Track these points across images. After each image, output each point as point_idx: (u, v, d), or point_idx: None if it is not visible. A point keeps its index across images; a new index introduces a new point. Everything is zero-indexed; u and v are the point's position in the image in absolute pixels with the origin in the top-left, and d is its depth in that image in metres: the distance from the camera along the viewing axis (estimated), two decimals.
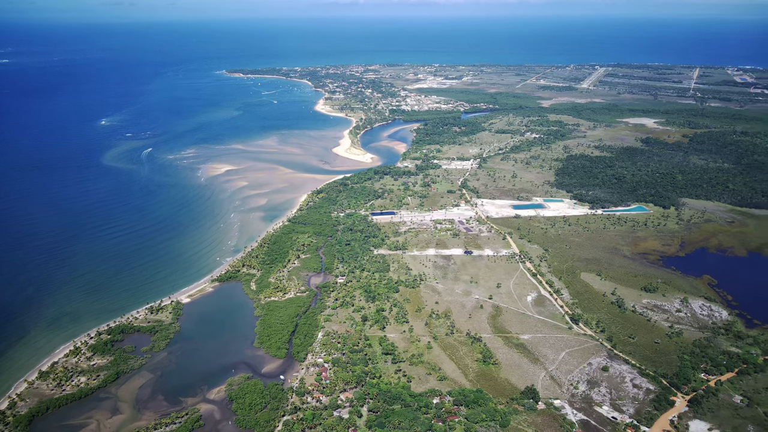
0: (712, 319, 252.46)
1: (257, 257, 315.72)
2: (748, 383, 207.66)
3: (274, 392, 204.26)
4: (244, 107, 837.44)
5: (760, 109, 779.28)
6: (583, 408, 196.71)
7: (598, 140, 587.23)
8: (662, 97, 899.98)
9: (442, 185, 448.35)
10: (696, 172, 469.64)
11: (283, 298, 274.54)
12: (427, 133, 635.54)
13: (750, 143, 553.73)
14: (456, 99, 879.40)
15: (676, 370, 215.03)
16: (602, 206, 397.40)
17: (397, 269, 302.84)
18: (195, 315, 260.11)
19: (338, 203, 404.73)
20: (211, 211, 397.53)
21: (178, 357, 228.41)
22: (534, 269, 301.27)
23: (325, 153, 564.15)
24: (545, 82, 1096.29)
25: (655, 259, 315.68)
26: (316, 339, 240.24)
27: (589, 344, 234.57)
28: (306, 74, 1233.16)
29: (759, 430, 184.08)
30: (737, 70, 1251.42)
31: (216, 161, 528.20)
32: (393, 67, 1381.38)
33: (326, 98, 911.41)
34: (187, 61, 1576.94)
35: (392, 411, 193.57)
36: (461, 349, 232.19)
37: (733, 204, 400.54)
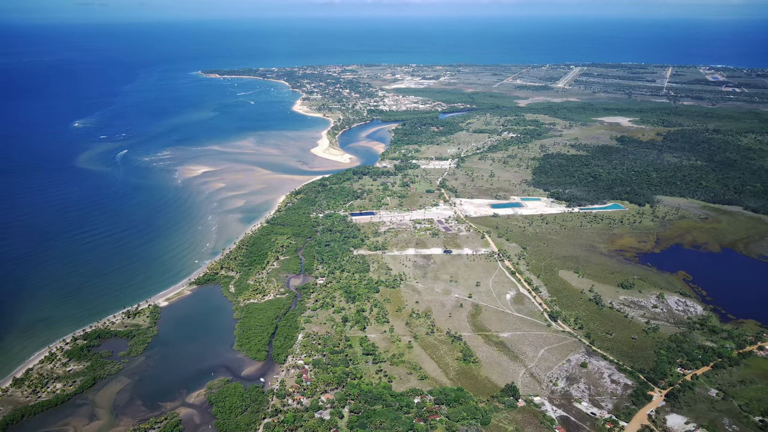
0: (687, 314, 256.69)
1: (236, 259, 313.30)
2: (723, 377, 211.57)
3: (255, 395, 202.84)
4: (221, 108, 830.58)
5: (732, 107, 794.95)
6: (562, 404, 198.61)
7: (574, 139, 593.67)
8: (636, 96, 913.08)
9: (420, 185, 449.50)
10: (670, 169, 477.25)
11: (262, 300, 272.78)
12: (406, 133, 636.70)
13: (722, 141, 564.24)
14: (434, 99, 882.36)
15: (653, 365, 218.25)
16: (579, 204, 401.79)
17: (377, 269, 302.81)
18: (173, 318, 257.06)
19: (317, 204, 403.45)
20: (188, 213, 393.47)
21: (156, 361, 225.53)
22: (513, 267, 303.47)
23: (303, 154, 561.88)
24: (521, 81, 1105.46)
25: (632, 256, 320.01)
26: (296, 341, 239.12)
27: (567, 341, 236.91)
28: (283, 75, 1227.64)
29: (734, 422, 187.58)
30: (709, 69, 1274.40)
31: (193, 163, 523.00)
32: (370, 67, 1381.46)
33: (304, 99, 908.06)
34: (162, 62, 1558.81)
35: (373, 411, 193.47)
36: (441, 348, 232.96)
37: (707, 201, 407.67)
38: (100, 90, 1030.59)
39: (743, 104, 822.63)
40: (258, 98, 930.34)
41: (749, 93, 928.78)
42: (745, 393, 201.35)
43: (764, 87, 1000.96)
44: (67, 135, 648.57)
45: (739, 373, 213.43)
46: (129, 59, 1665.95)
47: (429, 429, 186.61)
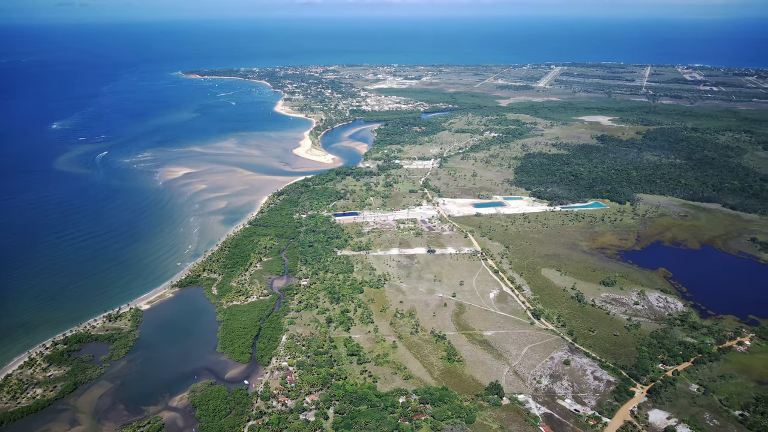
0: (668, 310, 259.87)
1: (218, 261, 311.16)
2: (703, 372, 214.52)
3: (239, 397, 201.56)
4: (202, 109, 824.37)
5: (709, 105, 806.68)
6: (546, 402, 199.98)
7: (555, 138, 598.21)
8: (616, 95, 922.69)
9: (404, 185, 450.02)
10: (649, 168, 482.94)
11: (245, 302, 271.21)
12: (388, 133, 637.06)
13: (700, 139, 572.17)
14: (416, 99, 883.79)
15: (635, 361, 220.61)
16: (560, 203, 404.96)
17: (361, 270, 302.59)
18: (155, 322, 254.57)
19: (300, 205, 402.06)
20: (169, 215, 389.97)
21: (139, 365, 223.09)
22: (495, 266, 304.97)
23: (285, 154, 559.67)
24: (503, 81, 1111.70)
25: (613, 254, 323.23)
26: (280, 342, 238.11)
27: (550, 339, 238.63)
28: (264, 75, 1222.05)
29: (715, 417, 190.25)
30: (687, 68, 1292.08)
31: (174, 164, 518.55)
32: (352, 67, 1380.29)
33: (285, 99, 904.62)
34: (142, 63, 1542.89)
35: (358, 412, 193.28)
36: (426, 347, 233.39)
37: (686, 198, 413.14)
38: (79, 91, 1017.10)
39: (721, 103, 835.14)
40: (239, 99, 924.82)
41: (726, 92, 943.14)
42: (725, 388, 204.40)
43: (741, 86, 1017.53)
44: (46, 137, 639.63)
45: (719, 369, 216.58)
46: (108, 60, 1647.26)
47: (414, 428, 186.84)
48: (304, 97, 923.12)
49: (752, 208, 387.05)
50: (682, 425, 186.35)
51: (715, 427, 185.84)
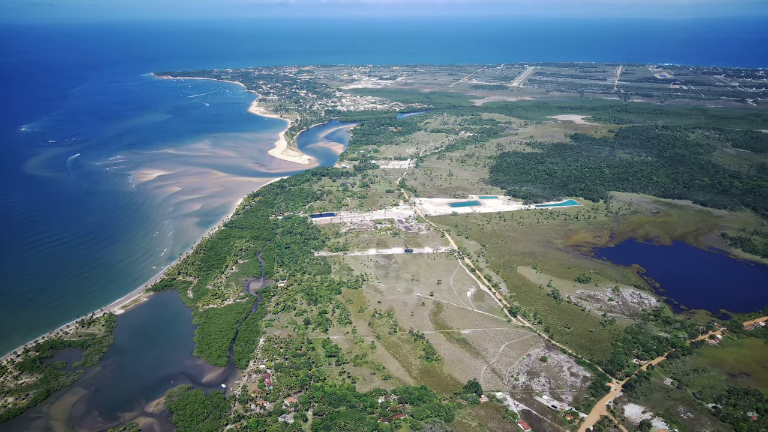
0: (642, 306, 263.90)
1: (193, 264, 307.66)
2: (677, 366, 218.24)
3: (216, 401, 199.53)
4: (175, 110, 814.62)
5: (679, 104, 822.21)
6: (524, 398, 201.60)
7: (529, 137, 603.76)
8: (588, 94, 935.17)
9: (380, 185, 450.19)
10: (622, 165, 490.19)
11: (221, 305, 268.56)
12: (364, 134, 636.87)
13: (671, 137, 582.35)
14: (391, 99, 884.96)
15: (610, 356, 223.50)
16: (535, 201, 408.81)
17: (338, 270, 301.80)
18: (130, 326, 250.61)
19: (276, 206, 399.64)
20: (143, 218, 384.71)
21: (113, 371, 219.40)
22: (472, 265, 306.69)
23: (260, 155, 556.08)
24: (477, 81, 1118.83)
25: (587, 251, 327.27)
26: (257, 345, 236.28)
27: (527, 336, 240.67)
28: (238, 76, 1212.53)
29: (689, 410, 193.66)
30: (657, 67, 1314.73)
31: (147, 167, 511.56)
32: (327, 67, 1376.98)
33: (260, 100, 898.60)
34: (113, 64, 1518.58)
35: (338, 413, 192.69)
36: (404, 347, 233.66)
37: (657, 195, 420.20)
38: (47, 93, 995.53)
39: (690, 101, 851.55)
40: (213, 100, 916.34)
41: (696, 90, 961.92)
42: (699, 381, 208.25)
43: (710, 84, 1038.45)
44: (14, 140, 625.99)
45: (692, 362, 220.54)
46: (78, 61, 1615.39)
47: (393, 428, 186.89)
48: (279, 97, 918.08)
49: (722, 204, 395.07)
50: (657, 419, 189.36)
51: (689, 420, 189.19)
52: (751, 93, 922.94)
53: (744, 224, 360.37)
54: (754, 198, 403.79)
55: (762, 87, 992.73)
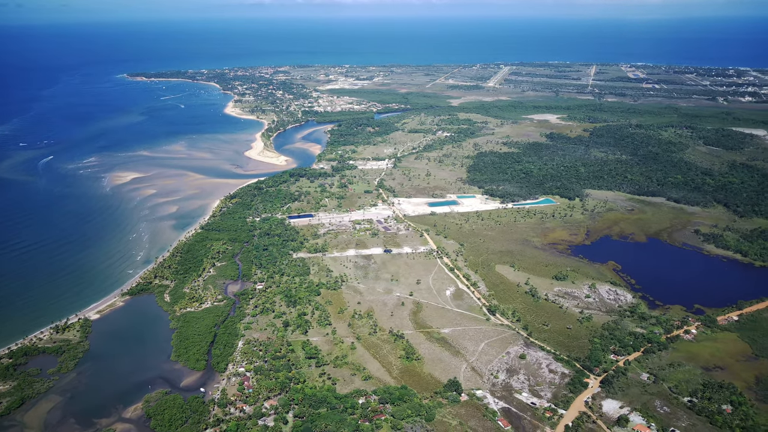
0: (618, 302, 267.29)
1: (170, 267, 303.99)
2: (653, 361, 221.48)
3: (195, 406, 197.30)
4: (149, 112, 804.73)
5: (652, 102, 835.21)
6: (504, 396, 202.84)
7: (505, 137, 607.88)
8: (563, 93, 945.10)
9: (359, 186, 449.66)
10: (597, 164, 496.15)
11: (199, 308, 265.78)
12: (342, 134, 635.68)
13: (644, 135, 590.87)
14: (368, 99, 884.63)
15: (588, 353, 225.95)
16: (512, 200, 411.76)
17: (317, 272, 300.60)
18: (105, 332, 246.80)
19: (253, 208, 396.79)
20: (118, 221, 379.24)
21: (89, 377, 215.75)
22: (451, 264, 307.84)
23: (237, 157, 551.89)
24: (454, 81, 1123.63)
25: (564, 249, 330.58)
26: (236, 348, 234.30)
27: (506, 334, 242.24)
28: (213, 77, 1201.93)
29: (665, 404, 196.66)
30: (630, 67, 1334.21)
31: (121, 169, 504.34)
32: (303, 68, 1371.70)
33: (236, 101, 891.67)
34: (85, 65, 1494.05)
35: (318, 415, 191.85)
36: (384, 347, 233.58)
37: (632, 193, 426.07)
38: (17, 95, 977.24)
39: (663, 100, 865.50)
40: (188, 101, 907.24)
41: (668, 89, 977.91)
42: (674, 375, 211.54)
43: (681, 83, 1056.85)
44: None
45: (667, 357, 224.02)
46: (49, 62, 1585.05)
47: (374, 429, 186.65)
48: (255, 98, 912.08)
49: (695, 201, 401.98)
50: (635, 413, 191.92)
51: (665, 414, 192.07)
52: (721, 91, 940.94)
53: (716, 220, 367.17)
54: (725, 195, 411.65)
55: (732, 86, 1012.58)
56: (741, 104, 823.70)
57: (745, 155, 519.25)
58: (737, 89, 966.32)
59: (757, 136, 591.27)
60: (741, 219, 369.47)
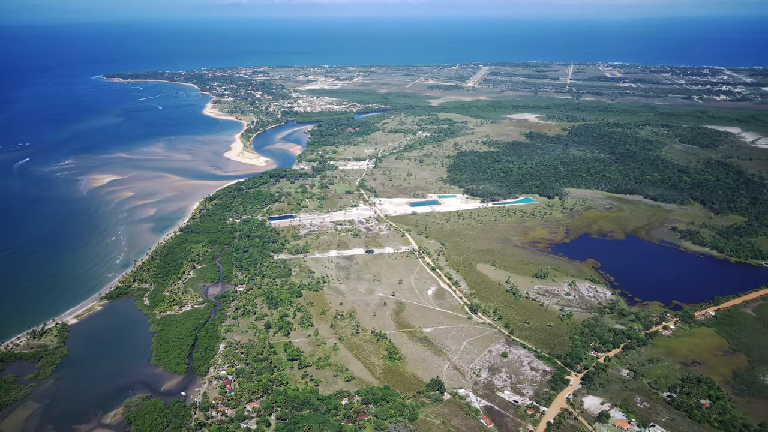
0: (597, 299, 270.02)
1: (149, 270, 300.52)
2: (632, 357, 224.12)
3: (176, 410, 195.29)
4: (126, 113, 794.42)
5: (629, 101, 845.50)
6: (486, 394, 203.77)
7: (485, 136, 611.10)
8: (542, 93, 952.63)
9: (340, 186, 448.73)
10: (576, 162, 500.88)
11: (179, 311, 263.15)
12: (322, 135, 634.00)
13: (622, 134, 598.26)
14: (348, 100, 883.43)
15: (569, 350, 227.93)
16: (492, 199, 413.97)
17: (299, 273, 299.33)
18: (84, 336, 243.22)
19: (233, 209, 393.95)
20: (96, 224, 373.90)
21: (68, 383, 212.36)
22: (433, 263, 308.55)
23: (216, 158, 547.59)
24: (433, 81, 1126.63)
25: (544, 247, 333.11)
26: (217, 351, 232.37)
27: (488, 332, 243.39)
28: (191, 77, 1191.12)
29: (645, 399, 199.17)
30: (607, 66, 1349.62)
31: (98, 171, 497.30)
32: (282, 68, 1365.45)
33: (214, 101, 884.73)
34: (60, 66, 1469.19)
35: (301, 416, 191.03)
36: (367, 347, 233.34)
37: (610, 191, 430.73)
38: None
39: (639, 99, 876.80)
40: (166, 102, 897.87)
41: (644, 88, 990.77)
42: (653, 371, 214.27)
43: (657, 82, 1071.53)
44: None
45: (647, 353, 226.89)
46: (21, 63, 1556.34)
47: (358, 429, 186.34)
48: (234, 99, 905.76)
49: (672, 198, 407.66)
50: (615, 409, 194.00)
51: (645, 409, 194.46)
52: (696, 90, 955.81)
53: (693, 218, 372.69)
54: (701, 192, 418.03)
55: (707, 84, 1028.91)
56: (716, 103, 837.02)
57: (720, 153, 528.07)
58: (712, 88, 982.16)
59: (731, 134, 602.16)
60: (717, 216, 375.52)
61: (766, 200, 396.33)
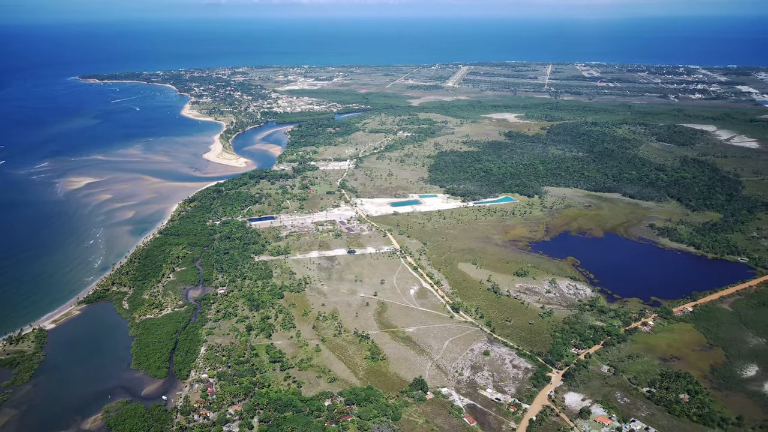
0: (578, 297, 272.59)
1: (128, 274, 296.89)
2: (612, 353, 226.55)
3: (157, 414, 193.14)
4: (103, 115, 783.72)
5: (606, 101, 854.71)
6: (468, 393, 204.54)
7: (465, 136, 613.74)
8: (521, 92, 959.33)
9: (321, 187, 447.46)
10: (555, 161, 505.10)
11: (159, 314, 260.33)
12: (302, 135, 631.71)
13: (600, 133, 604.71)
14: (328, 100, 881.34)
15: (550, 347, 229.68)
16: (473, 199, 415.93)
17: (280, 274, 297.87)
18: (62, 341, 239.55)
19: (213, 211, 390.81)
20: (73, 228, 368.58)
21: (46, 389, 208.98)
22: (414, 263, 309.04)
23: (195, 159, 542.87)
24: (413, 81, 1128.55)
25: (524, 245, 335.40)
26: (198, 354, 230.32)
27: (470, 331, 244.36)
28: (169, 78, 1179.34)
29: (625, 395, 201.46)
30: (585, 66, 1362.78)
31: (74, 174, 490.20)
32: (261, 69, 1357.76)
33: (193, 102, 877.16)
34: (35, 68, 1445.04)
35: (284, 418, 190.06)
36: (350, 348, 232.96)
37: (589, 189, 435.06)
38: None
39: (616, 98, 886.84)
40: (143, 103, 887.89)
41: (621, 87, 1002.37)
42: (633, 367, 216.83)
43: (634, 81, 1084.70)
44: None
45: (626, 349, 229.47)
46: None
47: (341, 430, 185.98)
48: (213, 100, 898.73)
49: (649, 196, 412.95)
50: (596, 405, 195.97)
51: (625, 404, 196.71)
52: (672, 89, 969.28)
53: (670, 215, 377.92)
54: (678, 189, 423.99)
55: (683, 83, 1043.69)
56: (691, 101, 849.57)
57: (696, 151, 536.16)
58: (687, 87, 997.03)
59: (707, 132, 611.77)
60: (693, 213, 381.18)
61: (741, 197, 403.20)
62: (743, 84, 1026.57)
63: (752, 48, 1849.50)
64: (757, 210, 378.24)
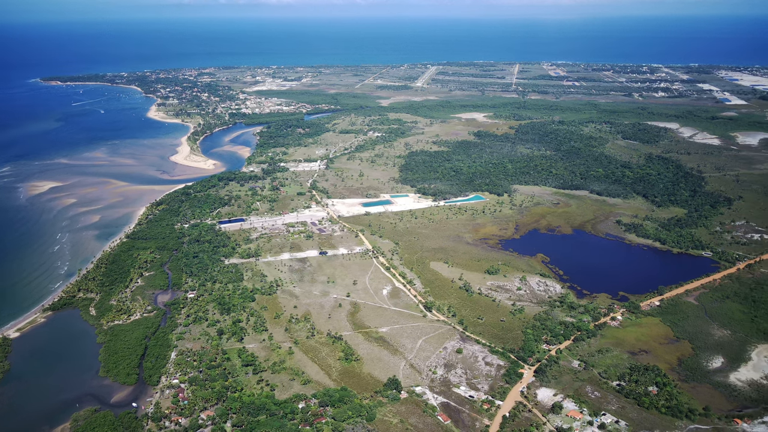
0: (548, 293, 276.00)
1: (95, 279, 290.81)
2: (583, 348, 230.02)
3: (127, 422, 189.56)
4: (66, 118, 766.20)
5: (572, 99, 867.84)
6: (442, 391, 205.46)
7: (435, 136, 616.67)
8: (489, 92, 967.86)
9: (291, 188, 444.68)
10: (523, 160, 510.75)
11: (128, 320, 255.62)
12: (271, 136, 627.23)
13: (567, 131, 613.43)
14: (297, 100, 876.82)
15: (522, 344, 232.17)
16: (444, 198, 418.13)
17: (251, 277, 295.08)
18: (27, 350, 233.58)
19: (181, 214, 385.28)
20: (36, 233, 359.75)
21: (11, 398, 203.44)
22: (387, 263, 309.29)
23: (162, 162, 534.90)
24: (382, 81, 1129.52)
25: (495, 243, 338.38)
26: (169, 359, 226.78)
27: (442, 329, 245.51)
28: (134, 80, 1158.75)
29: (596, 389, 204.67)
30: (551, 65, 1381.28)
31: (37, 178, 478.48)
32: (229, 69, 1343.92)
33: (159, 104, 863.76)
34: None
35: (257, 422, 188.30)
36: (323, 350, 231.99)
37: (557, 187, 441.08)
38: None
39: (582, 96, 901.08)
40: (108, 105, 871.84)
41: (587, 86, 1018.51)
42: (603, 361, 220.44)
43: (600, 80, 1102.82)
44: None
45: (596, 344, 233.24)
46: None
47: None
48: (179, 101, 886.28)
49: (615, 193, 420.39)
50: (568, 400, 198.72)
51: (596, 398, 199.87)
52: (636, 88, 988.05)
53: (636, 211, 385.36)
54: (644, 186, 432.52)
55: (646, 82, 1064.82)
56: (655, 99, 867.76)
57: (660, 148, 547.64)
58: (651, 85, 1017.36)
59: (670, 129, 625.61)
60: (659, 209, 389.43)
61: (704, 193, 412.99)
62: (704, 82, 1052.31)
63: (714, 47, 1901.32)
64: (720, 205, 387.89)
